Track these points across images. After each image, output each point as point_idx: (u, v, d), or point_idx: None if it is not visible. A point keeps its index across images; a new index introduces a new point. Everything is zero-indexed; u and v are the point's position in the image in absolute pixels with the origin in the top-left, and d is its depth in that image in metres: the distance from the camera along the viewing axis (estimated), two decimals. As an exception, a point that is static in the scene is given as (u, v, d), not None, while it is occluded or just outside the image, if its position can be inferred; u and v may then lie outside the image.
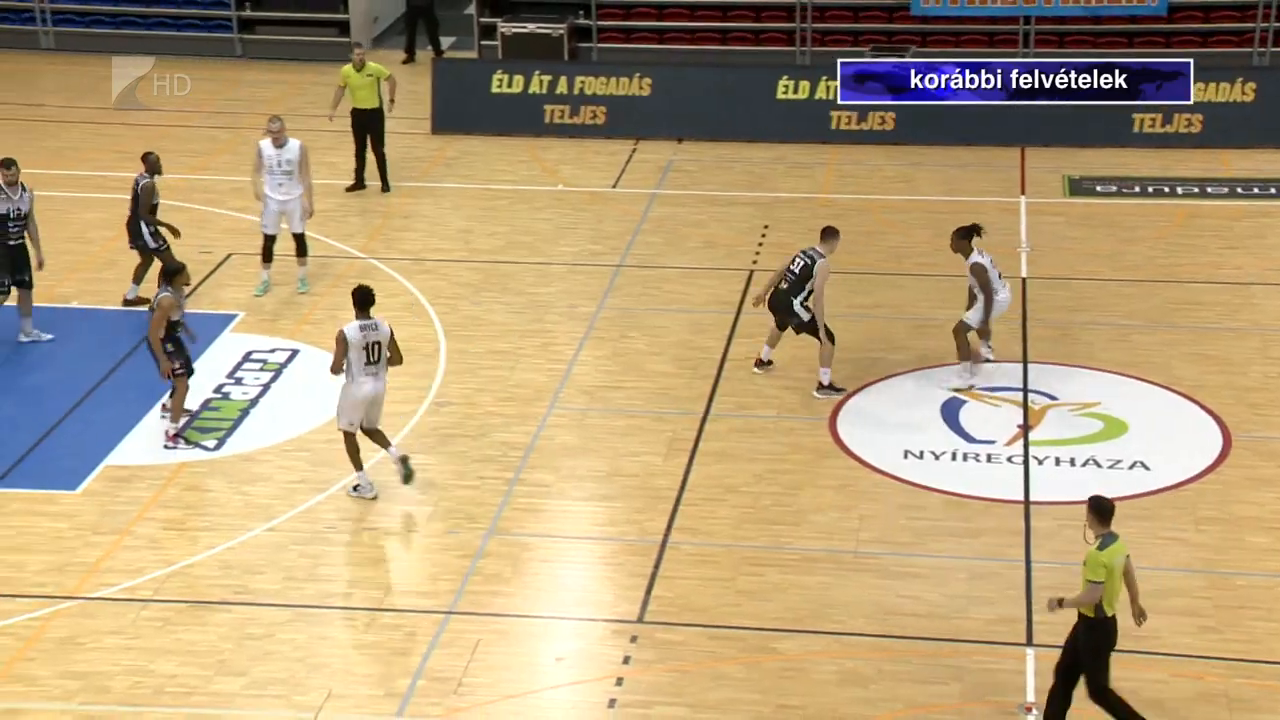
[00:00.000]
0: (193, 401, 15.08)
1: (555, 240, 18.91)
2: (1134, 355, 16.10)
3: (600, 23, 24.93)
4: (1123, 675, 10.90)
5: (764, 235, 18.94)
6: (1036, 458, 14.30)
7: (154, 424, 14.78)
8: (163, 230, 16.90)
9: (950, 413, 15.07)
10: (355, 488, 13.69)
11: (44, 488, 13.78)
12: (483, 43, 24.99)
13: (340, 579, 12.74)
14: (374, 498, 13.65)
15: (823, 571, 12.74)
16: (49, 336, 16.17)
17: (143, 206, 16.72)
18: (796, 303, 15.28)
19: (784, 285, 15.38)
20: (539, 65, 22.77)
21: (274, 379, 15.68)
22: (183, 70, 24.43)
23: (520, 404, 15.27)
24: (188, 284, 14.91)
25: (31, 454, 14.27)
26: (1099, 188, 20.58)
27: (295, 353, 16.16)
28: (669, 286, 17.74)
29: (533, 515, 13.59)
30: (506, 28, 24.39)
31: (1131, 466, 14.16)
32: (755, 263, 18.14)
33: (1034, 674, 11.48)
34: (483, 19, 25.06)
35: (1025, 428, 14.77)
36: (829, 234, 15.45)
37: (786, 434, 14.80)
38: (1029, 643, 11.83)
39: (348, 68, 20.10)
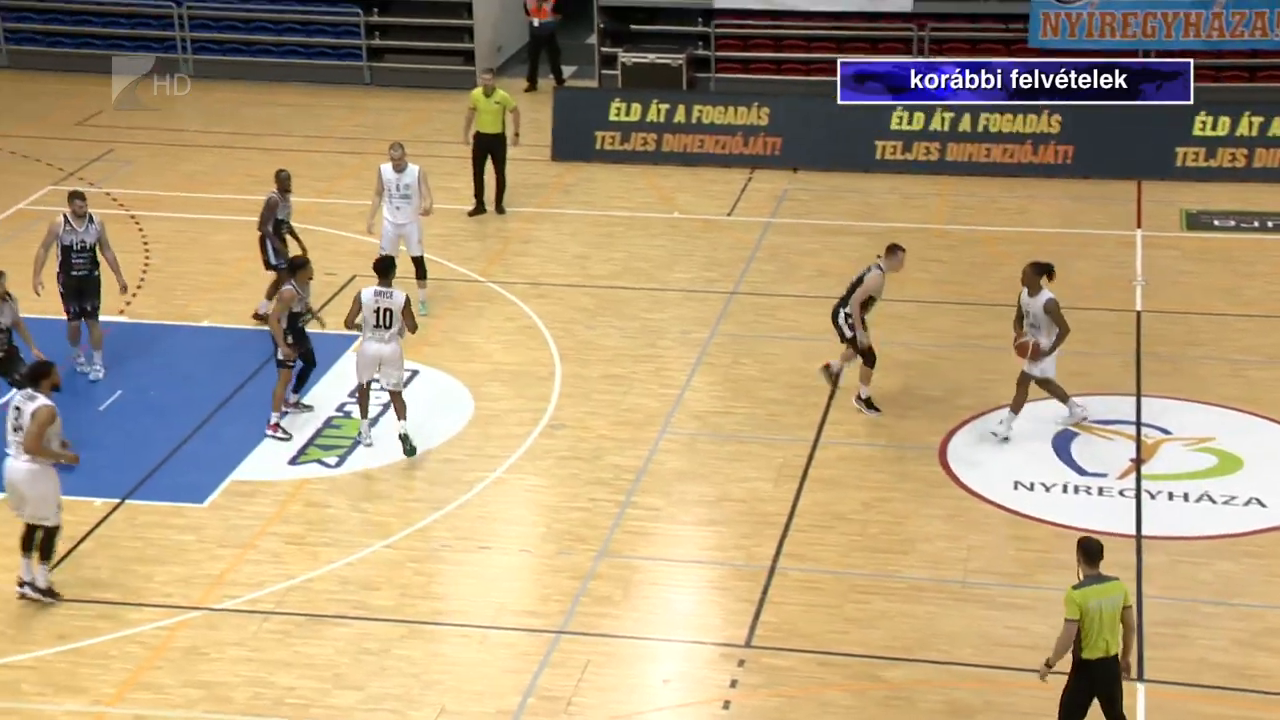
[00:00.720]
0: (315, 420, 15.33)
1: (670, 267, 18.98)
2: (1250, 390, 15.81)
3: (719, 54, 25.01)
4: (1237, 715, 10.68)
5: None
6: (1149, 492, 14.08)
7: (278, 441, 15.02)
8: (289, 243, 17.06)
9: (1061, 445, 14.89)
10: (358, 434, 14.67)
11: (172, 501, 14.06)
12: (603, 72, 25.19)
13: (454, 596, 12.87)
14: (369, 444, 14.67)
15: (930, 601, 12.64)
16: (99, 373, 16.06)
17: (262, 219, 17.03)
18: (842, 314, 15.22)
19: (842, 295, 15.37)
20: (657, 94, 22.89)
21: (394, 399, 15.87)
22: (313, 97, 24.93)
23: (632, 428, 15.33)
24: (310, 279, 15.24)
25: (162, 468, 14.57)
26: (1216, 222, 20.25)
27: (415, 373, 16.35)
28: (781, 314, 17.72)
29: (643, 538, 13.63)
30: (627, 57, 24.55)
31: (1247, 503, 13.90)
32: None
33: (1143, 710, 11.29)
34: (604, 49, 25.27)
35: (1138, 461, 14.55)
36: (892, 250, 15.30)
37: (896, 463, 14.71)
38: (1139, 678, 11.64)
39: (477, 91, 20.35)
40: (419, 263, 17.61)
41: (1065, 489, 14.18)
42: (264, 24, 25.88)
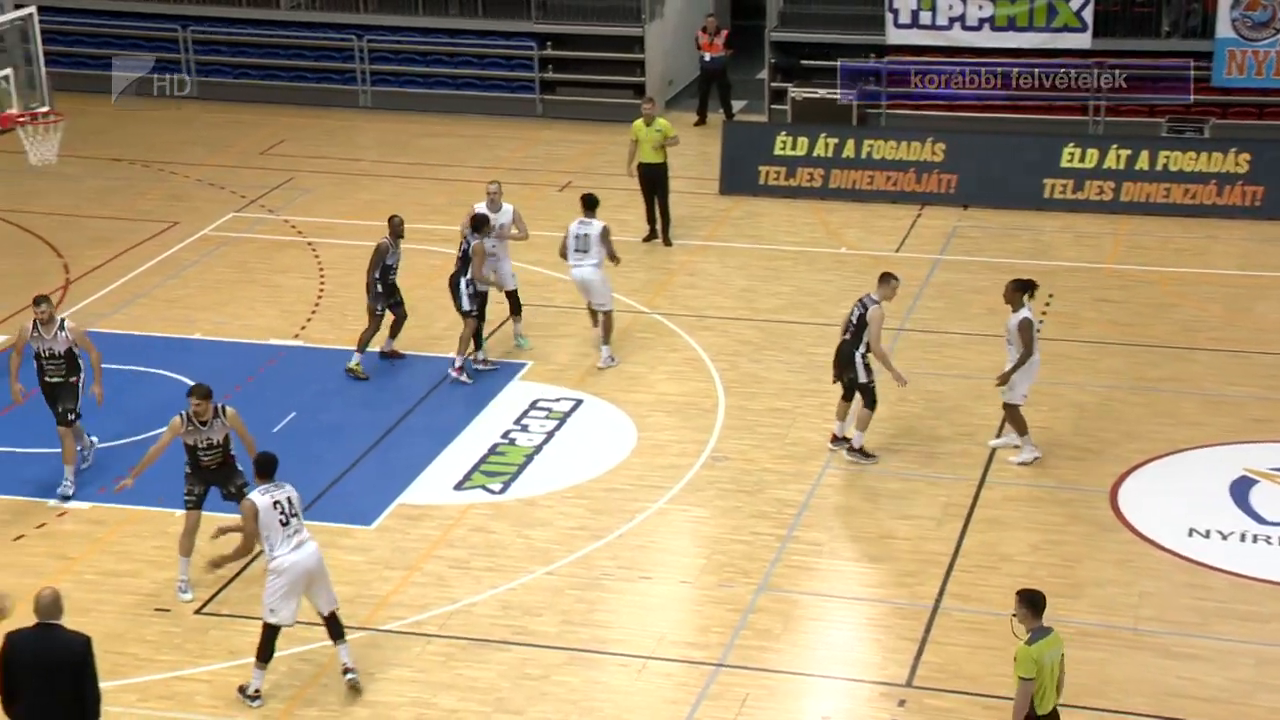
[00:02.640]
0: (480, 447, 15.45)
1: (837, 302, 18.78)
2: None
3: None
4: None
5: (1048, 304, 18.50)
6: (1331, 542, 13.57)
7: (444, 466, 15.19)
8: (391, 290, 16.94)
9: (1240, 492, 14.42)
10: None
11: (341, 522, 14.24)
12: (773, 107, 25.15)
13: (615, 625, 12.85)
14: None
15: (1100, 647, 12.30)
16: (69, 490, 14.58)
17: (370, 264, 16.85)
18: (858, 355, 14.93)
19: (846, 337, 15.04)
20: (826, 129, 22.79)
21: (558, 427, 15.95)
22: (486, 129, 25.26)
23: (796, 462, 15.21)
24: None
25: (332, 489, 14.79)
26: (1407, 267, 19.52)
27: (579, 403, 16.42)
28: (949, 352, 17.45)
29: (804, 573, 13.49)
30: (797, 93, 24.48)
31: None
32: (1038, 332, 17.68)
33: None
34: (774, 84, 25.23)
35: (1320, 511, 14.03)
36: (885, 279, 15.06)
37: (1064, 505, 14.38)
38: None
39: (638, 122, 20.47)
40: (511, 297, 17.63)
41: (1243, 538, 13.71)
42: (441, 57, 26.33)
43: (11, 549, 13.72)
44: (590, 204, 17.28)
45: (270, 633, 11.76)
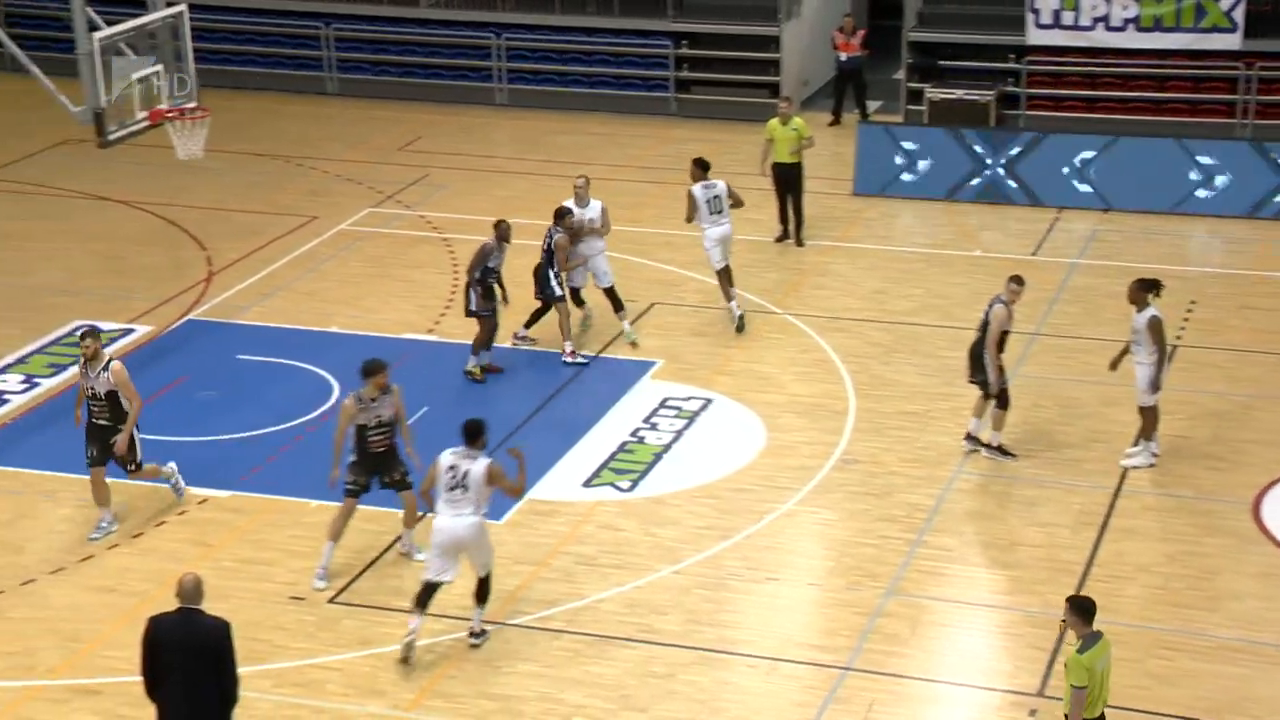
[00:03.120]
0: (610, 445, 15.51)
1: (970, 305, 18.54)
2: None
3: (1030, 90, 24.50)
4: None
5: (1190, 311, 18.15)
6: None
7: (574, 462, 15.28)
8: (497, 292, 17.01)
9: (1389, 506, 14.04)
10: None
11: (472, 516, 14.38)
12: (909, 107, 24.94)
13: (741, 625, 12.83)
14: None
15: (1241, 662, 12.04)
16: (103, 534, 13.97)
17: (471, 264, 16.84)
18: (986, 356, 14.80)
19: (978, 336, 14.87)
20: (963, 130, 22.54)
21: (687, 426, 15.97)
22: (620, 127, 25.36)
23: (927, 466, 15.09)
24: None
25: (462, 483, 14.91)
26: None
27: (709, 402, 16.43)
28: (1085, 358, 17.19)
29: (933, 578, 13.38)
30: (934, 93, 24.26)
31: None
32: (1179, 338, 17.40)
33: None
34: (911, 84, 25.03)
35: None
36: (1011, 280, 14.96)
37: (1204, 515, 14.10)
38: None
39: (774, 121, 20.41)
40: (609, 293, 17.67)
41: (1390, 553, 13.36)
42: (577, 55, 26.48)
43: (154, 534, 14.07)
44: (705, 166, 18.05)
45: (426, 585, 12.32)
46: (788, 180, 20.40)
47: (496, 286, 17.03)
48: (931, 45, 25.22)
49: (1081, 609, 10.01)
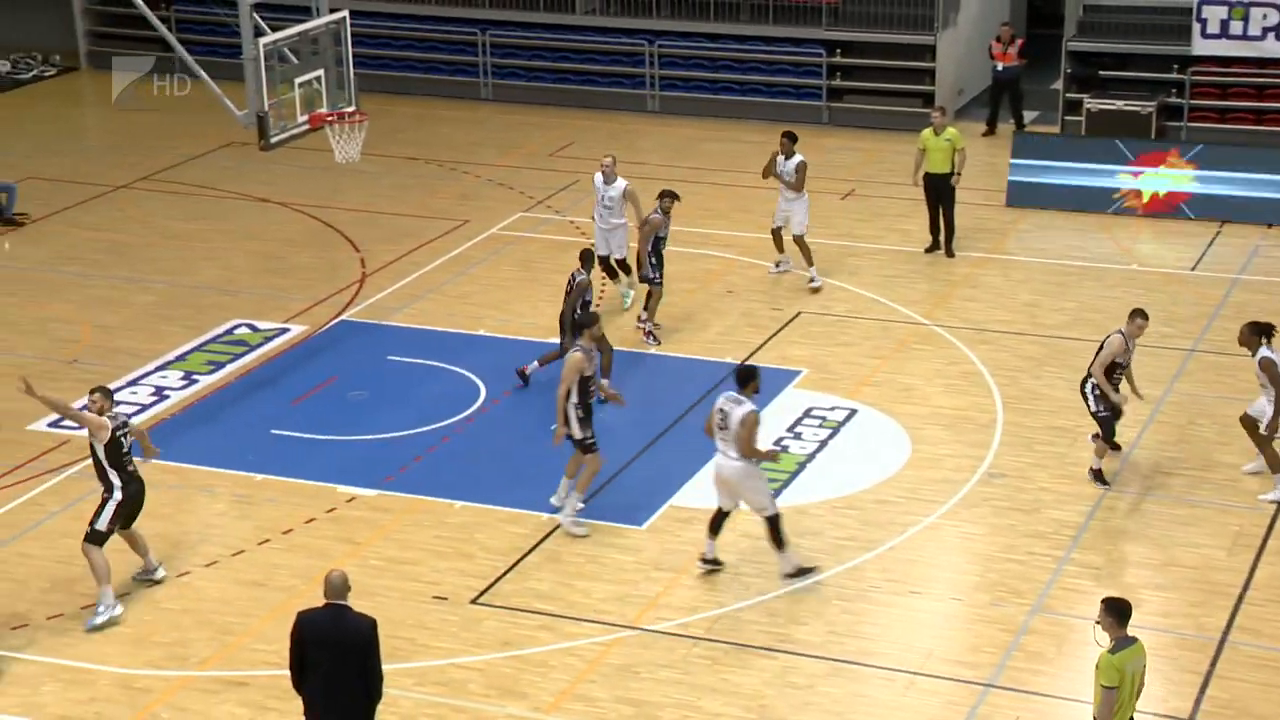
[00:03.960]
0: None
1: (1123, 319, 18.19)
2: None
3: (1194, 101, 23.98)
4: None
5: (1354, 329, 17.60)
6: None
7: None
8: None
9: None
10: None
11: (613, 521, 14.45)
12: (1066, 118, 24.55)
13: (882, 638, 12.74)
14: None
15: (1402, 694, 11.67)
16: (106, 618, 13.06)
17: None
18: (1089, 384, 14.74)
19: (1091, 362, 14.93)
20: (1123, 142, 22.13)
21: (832, 436, 15.89)
22: (770, 135, 25.18)
23: (1076, 483, 14.84)
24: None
25: (605, 488, 14.99)
26: None
27: (854, 412, 16.33)
28: (1244, 375, 16.64)
29: (1081, 596, 13.14)
30: (1093, 104, 23.84)
31: None
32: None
33: None
34: (1069, 94, 24.63)
35: None
36: (1134, 314, 14.84)
37: (1367, 541, 13.69)
38: None
39: (927, 131, 20.23)
40: (621, 264, 18.68)
41: None
42: (729, 63, 26.49)
43: (303, 531, 14.35)
44: (794, 138, 19.36)
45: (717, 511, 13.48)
46: (939, 191, 20.20)
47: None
48: (1091, 55, 24.80)
49: (1117, 611, 9.96)
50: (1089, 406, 14.80)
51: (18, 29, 29.27)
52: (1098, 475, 14.83)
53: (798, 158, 19.08)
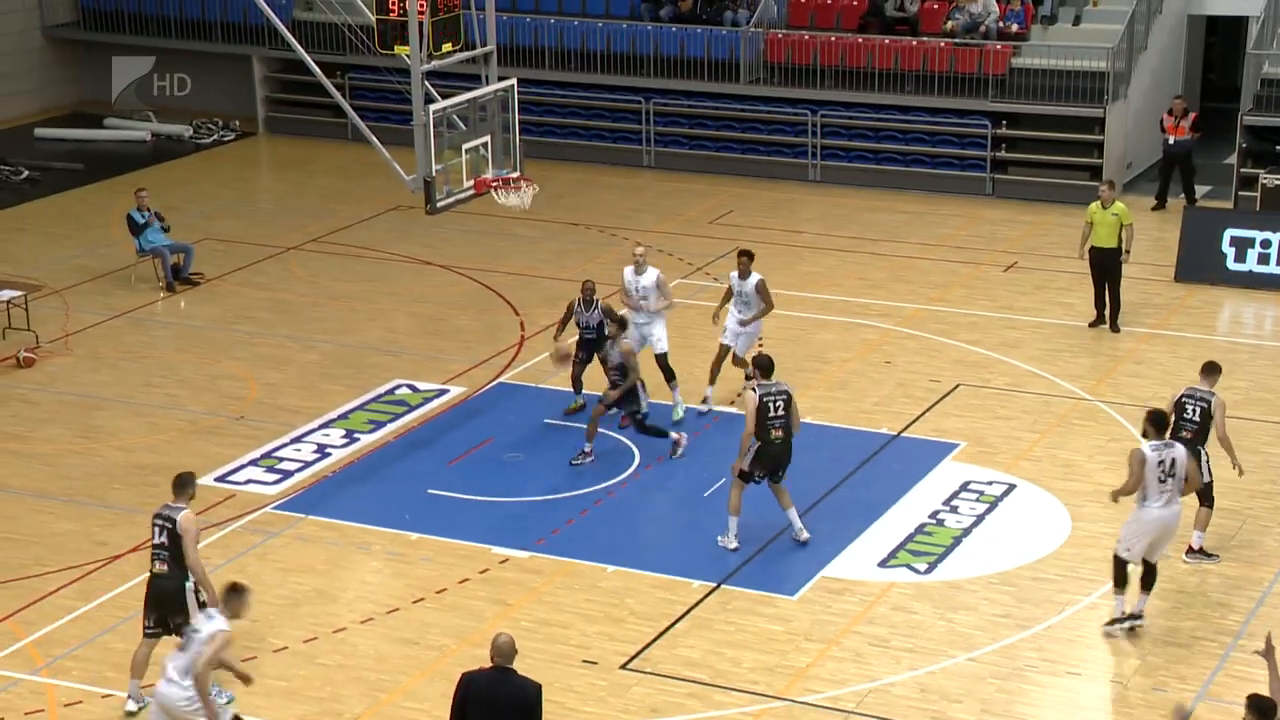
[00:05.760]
0: (908, 526, 15.34)
1: (1299, 399, 17.85)
2: None
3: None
4: None
5: None
6: None
7: (870, 541, 15.17)
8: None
9: None
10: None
11: (765, 590, 14.40)
12: (1241, 194, 24.09)
13: (1035, 719, 12.49)
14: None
15: None
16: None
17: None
18: (1203, 453, 14.59)
19: (1190, 432, 14.47)
20: (1296, 216, 21.67)
21: (989, 511, 15.69)
22: (932, 205, 25.21)
23: (1243, 565, 14.51)
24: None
25: (757, 557, 14.97)
26: None
27: (1012, 487, 16.12)
28: None
29: (1249, 685, 12.61)
30: (1269, 179, 23.37)
31: None
32: None
33: None
34: (1244, 169, 24.18)
35: None
36: (1209, 369, 14.76)
37: None
38: None
39: (1094, 205, 20.00)
40: (660, 361, 17.83)
41: None
42: (892, 133, 26.48)
43: (456, 591, 14.53)
44: (751, 256, 17.92)
45: (1120, 565, 13.40)
46: (1105, 266, 19.92)
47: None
48: (1269, 130, 24.33)
49: (1260, 710, 9.92)
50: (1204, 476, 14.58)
51: (200, 96, 30.37)
52: (1204, 552, 14.62)
53: (755, 276, 17.82)
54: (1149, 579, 13.54)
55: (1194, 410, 14.59)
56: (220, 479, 16.58)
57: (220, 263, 23.01)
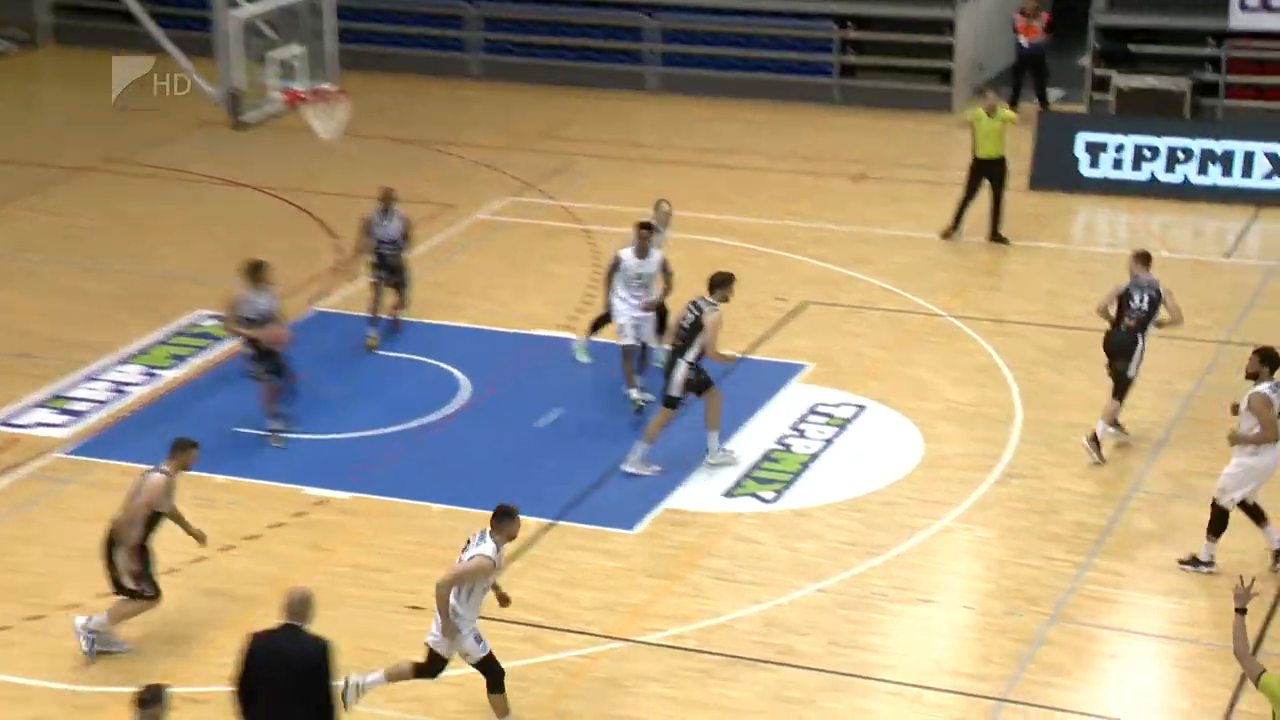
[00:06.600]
0: (754, 452, 15.33)
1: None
2: None
3: (1230, 78, 23.78)
4: None
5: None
6: None
7: (714, 470, 15.14)
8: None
9: None
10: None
11: (602, 525, 14.30)
12: (1095, 96, 24.39)
13: (887, 650, 12.58)
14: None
15: None
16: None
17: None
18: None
19: (1134, 321, 14.94)
20: (1153, 121, 21.95)
21: (838, 434, 15.74)
22: (777, 114, 25.16)
23: (1098, 483, 14.70)
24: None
25: (594, 491, 14.85)
26: None
27: (862, 408, 16.19)
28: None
29: (1103, 605, 13.00)
30: (1122, 81, 23.68)
31: None
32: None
33: None
34: (1097, 70, 24.46)
35: None
36: (1145, 257, 15.07)
37: None
38: None
39: (978, 111, 20.06)
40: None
41: None
42: (734, 37, 26.32)
43: (269, 536, 14.20)
44: (652, 228, 16.03)
45: (1222, 514, 13.08)
46: (992, 175, 19.97)
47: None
48: (1122, 30, 24.64)
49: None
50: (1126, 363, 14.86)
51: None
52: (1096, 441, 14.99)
53: (657, 254, 16.00)
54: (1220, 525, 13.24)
55: (1142, 298, 14.88)
56: (4, 423, 16.00)
57: (1, 186, 22.16)
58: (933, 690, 12.01)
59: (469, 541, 11.45)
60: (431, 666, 11.50)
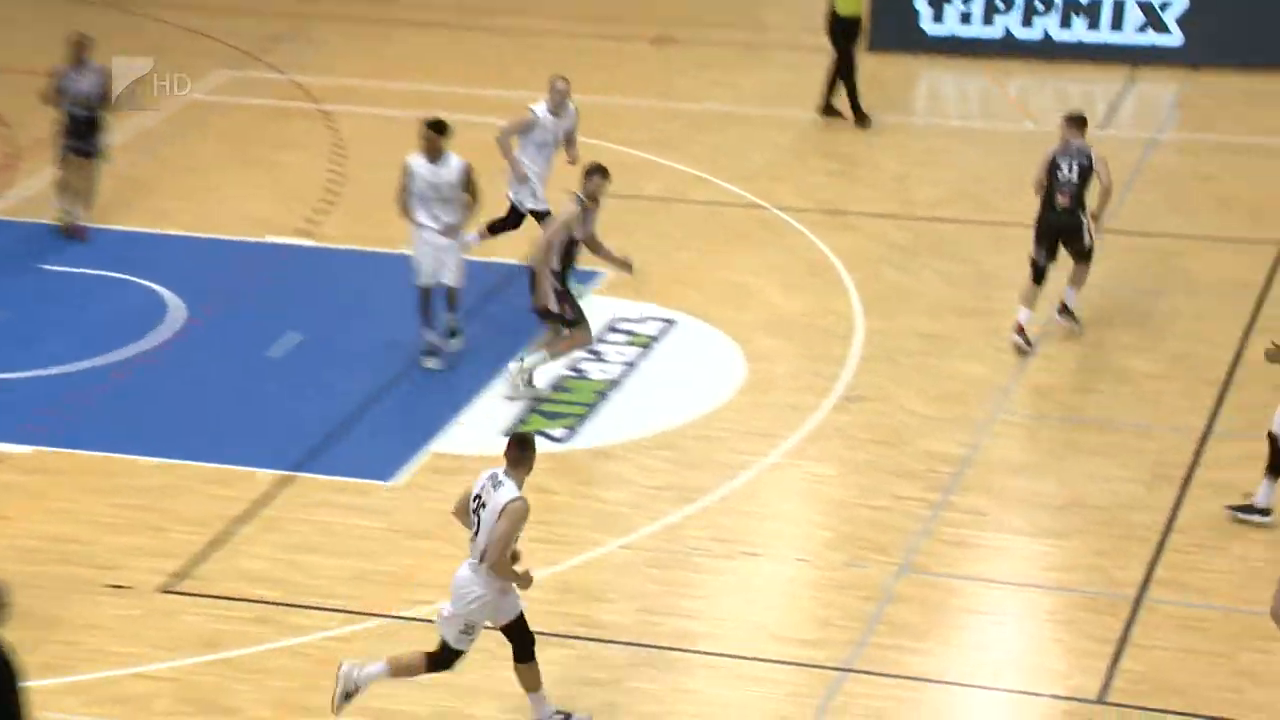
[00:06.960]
0: (539, 380, 15.38)
1: (1014, 194, 18.52)
2: None
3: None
4: None
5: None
6: None
7: (491, 404, 15.20)
8: None
9: None
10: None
11: (354, 476, 14.29)
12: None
13: (707, 616, 12.75)
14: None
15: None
16: None
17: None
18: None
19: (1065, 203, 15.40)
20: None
21: (641, 356, 15.91)
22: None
23: (953, 404, 15.09)
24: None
25: (343, 433, 14.85)
26: None
27: (671, 323, 16.36)
28: (1170, 261, 17.24)
29: (961, 551, 13.36)
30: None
31: None
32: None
33: None
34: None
35: None
36: (1079, 121, 15.45)
37: (1318, 466, 14.05)
38: None
39: None
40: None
41: None
42: None
43: (-68, 503, 13.94)
44: (442, 128, 15.29)
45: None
46: (850, 37, 20.20)
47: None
48: None
49: None
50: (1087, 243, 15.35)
51: None
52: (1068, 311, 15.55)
53: (455, 160, 15.27)
54: None
55: (1070, 168, 15.14)
56: None
57: None
58: (763, 661, 12.21)
59: (478, 497, 11.27)
60: (445, 656, 11.40)
